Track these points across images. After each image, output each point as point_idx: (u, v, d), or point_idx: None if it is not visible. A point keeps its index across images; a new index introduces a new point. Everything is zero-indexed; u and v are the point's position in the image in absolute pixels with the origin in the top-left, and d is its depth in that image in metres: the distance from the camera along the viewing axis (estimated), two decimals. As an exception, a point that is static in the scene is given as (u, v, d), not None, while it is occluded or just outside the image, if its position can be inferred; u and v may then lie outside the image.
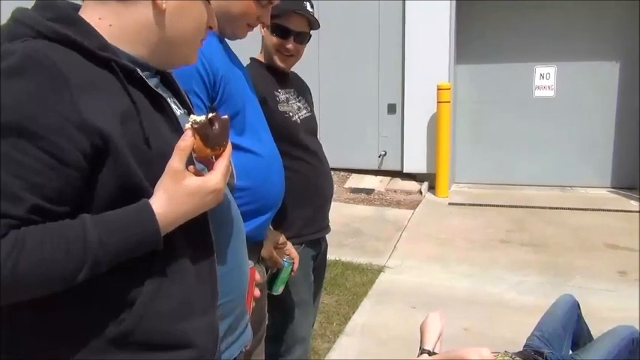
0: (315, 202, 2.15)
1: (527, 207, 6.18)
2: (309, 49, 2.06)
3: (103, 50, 0.93)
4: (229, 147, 1.00)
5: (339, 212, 5.98)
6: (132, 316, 0.94)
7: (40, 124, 0.83)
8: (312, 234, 2.13)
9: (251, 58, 2.12)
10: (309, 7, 2.02)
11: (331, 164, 7.50)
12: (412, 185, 6.95)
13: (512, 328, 3.09)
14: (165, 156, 0.94)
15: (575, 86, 6.87)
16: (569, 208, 6.09)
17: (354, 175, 7.25)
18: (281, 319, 2.13)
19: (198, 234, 1.03)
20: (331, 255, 4.46)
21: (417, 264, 4.53)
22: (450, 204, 6.40)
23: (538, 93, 7.06)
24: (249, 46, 2.10)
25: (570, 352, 2.55)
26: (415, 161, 7.02)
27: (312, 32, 2.12)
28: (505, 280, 4.20)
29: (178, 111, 1.07)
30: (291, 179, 1.98)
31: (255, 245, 1.58)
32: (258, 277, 1.23)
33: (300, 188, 2.06)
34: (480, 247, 4.94)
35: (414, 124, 6.96)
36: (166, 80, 1.10)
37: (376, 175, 7.22)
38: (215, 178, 0.97)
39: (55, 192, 0.85)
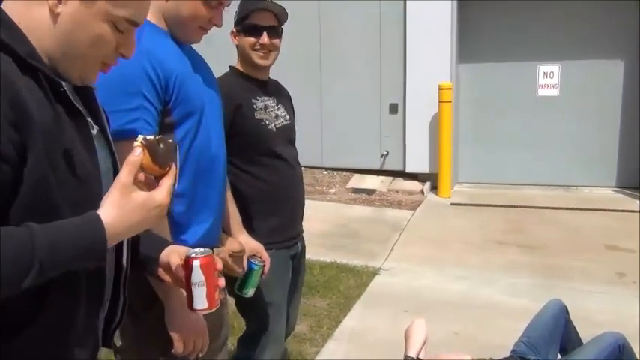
0: (286, 210, 2.15)
1: (528, 207, 6.01)
2: (311, 49, 2.02)
3: (31, 58, 0.92)
4: (174, 168, 1.04)
5: (339, 213, 5.97)
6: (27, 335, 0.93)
7: None
8: (282, 242, 2.12)
9: (230, 66, 2.14)
10: (269, 1, 2.04)
11: (333, 164, 7.62)
12: (414, 185, 6.88)
13: (503, 332, 2.99)
14: (78, 174, 0.95)
15: (580, 85, 6.71)
16: (570, 209, 5.93)
17: (356, 176, 7.21)
18: (254, 320, 2.13)
19: (95, 275, 1.03)
20: (327, 257, 4.45)
21: (412, 266, 4.46)
22: (452, 204, 6.29)
23: (542, 92, 6.89)
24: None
25: (559, 356, 2.50)
26: (417, 161, 6.93)
27: (314, 33, 2.16)
28: (499, 282, 4.10)
29: (93, 130, 1.05)
30: (261, 188, 2.05)
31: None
32: (219, 265, 1.18)
33: (271, 197, 2.08)
34: (477, 249, 4.82)
35: (416, 123, 6.87)
36: (84, 94, 1.06)
37: (378, 175, 7.16)
38: (161, 194, 0.99)
39: None
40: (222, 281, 1.20)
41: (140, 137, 1.00)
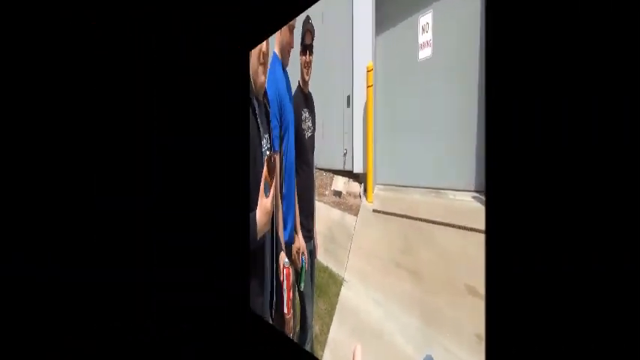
0: (307, 209, 2.49)
1: (412, 218, 5.11)
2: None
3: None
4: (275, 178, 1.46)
5: (328, 215, 5.90)
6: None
7: None
8: (306, 237, 2.51)
9: (298, 82, 2.52)
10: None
11: (333, 166, 6.84)
12: (356, 187, 6.93)
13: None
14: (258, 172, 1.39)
15: (457, 32, 4.66)
16: (444, 224, 4.96)
17: (335, 177, 7.19)
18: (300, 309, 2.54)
19: (260, 257, 1.52)
20: (323, 259, 4.70)
21: (356, 282, 3.79)
22: (374, 211, 5.83)
23: (421, 55, 5.51)
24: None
25: None
26: (358, 159, 6.69)
27: (319, 38, 2.50)
28: (399, 318, 3.18)
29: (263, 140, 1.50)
30: (298, 191, 2.42)
31: (289, 247, 2.04)
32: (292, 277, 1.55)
33: (303, 198, 2.42)
34: (385, 270, 3.73)
35: (359, 115, 6.50)
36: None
37: (343, 175, 7.14)
38: (269, 200, 1.48)
39: None
40: (291, 293, 1.64)
41: (267, 152, 1.41)
